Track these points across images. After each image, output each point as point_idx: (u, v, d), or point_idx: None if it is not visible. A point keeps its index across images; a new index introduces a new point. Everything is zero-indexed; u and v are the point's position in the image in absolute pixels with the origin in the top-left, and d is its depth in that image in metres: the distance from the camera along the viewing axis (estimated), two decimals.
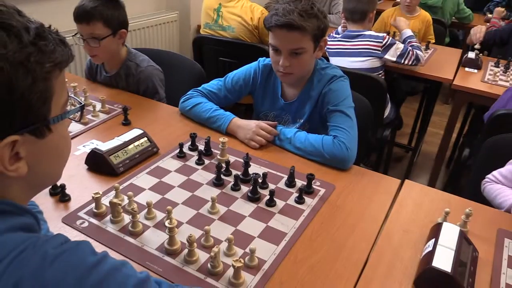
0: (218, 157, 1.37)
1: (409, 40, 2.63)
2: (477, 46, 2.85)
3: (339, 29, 2.61)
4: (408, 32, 2.72)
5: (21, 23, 0.57)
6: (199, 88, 1.67)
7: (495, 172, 1.38)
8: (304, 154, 1.42)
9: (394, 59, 2.44)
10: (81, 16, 1.67)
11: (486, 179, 1.40)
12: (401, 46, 2.46)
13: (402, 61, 2.46)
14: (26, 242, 0.55)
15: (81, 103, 0.73)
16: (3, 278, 0.52)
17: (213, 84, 1.67)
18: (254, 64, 1.67)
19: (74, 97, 0.71)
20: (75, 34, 1.73)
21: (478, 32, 3.03)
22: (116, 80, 1.89)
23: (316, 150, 1.39)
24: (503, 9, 3.70)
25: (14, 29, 0.56)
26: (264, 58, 1.66)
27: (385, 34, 2.46)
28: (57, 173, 0.71)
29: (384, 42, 2.41)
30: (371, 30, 2.52)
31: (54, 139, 0.64)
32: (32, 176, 0.62)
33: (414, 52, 2.47)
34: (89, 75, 2.00)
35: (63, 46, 0.63)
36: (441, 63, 2.80)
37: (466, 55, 2.75)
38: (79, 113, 0.73)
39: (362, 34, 2.44)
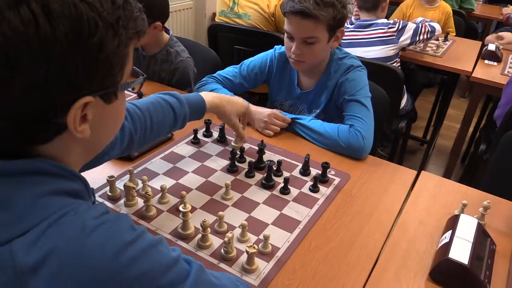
0: (233, 143, 1.36)
1: (423, 20, 2.62)
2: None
3: (352, 19, 2.57)
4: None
5: None
6: (214, 74, 1.65)
7: None
8: (319, 142, 1.41)
9: (409, 40, 2.42)
10: None
11: None
12: (412, 25, 2.44)
13: (417, 38, 2.44)
14: (67, 207, 0.54)
15: (143, 75, 0.72)
16: (39, 242, 0.50)
17: (229, 71, 1.66)
18: (270, 52, 1.65)
19: (137, 68, 0.71)
20: None
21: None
22: (150, 62, 1.89)
23: (332, 138, 1.37)
24: None
25: None
26: (280, 46, 1.64)
27: (396, 19, 2.43)
28: (109, 139, 0.71)
29: (397, 26, 2.38)
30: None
31: (116, 106, 0.64)
32: (91, 140, 0.62)
33: (427, 25, 2.45)
34: None
35: (143, 15, 0.63)
36: (460, 55, 2.75)
37: (486, 47, 2.70)
38: (139, 84, 0.72)
39: (374, 23, 2.40)
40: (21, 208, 0.52)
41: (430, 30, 2.45)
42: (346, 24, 2.55)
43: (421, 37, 2.43)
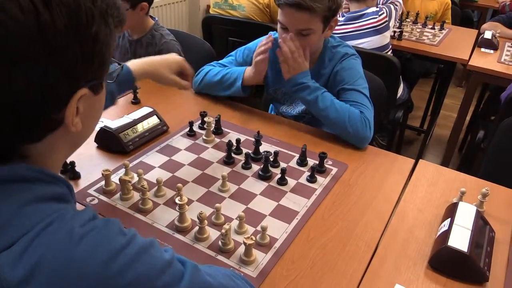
0: (204, 137, 1.34)
1: None
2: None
3: (343, 11, 2.55)
4: None
5: None
6: (210, 63, 1.64)
7: None
8: (325, 116, 1.35)
9: (394, 22, 2.48)
10: None
11: None
12: (390, 6, 2.49)
13: (398, 15, 2.54)
14: (53, 215, 0.52)
15: (120, 63, 0.72)
16: (25, 255, 0.48)
17: (224, 59, 1.65)
18: (265, 37, 1.63)
19: (113, 59, 0.71)
20: None
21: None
22: (136, 47, 1.91)
23: (340, 118, 1.32)
24: None
25: None
26: (275, 31, 1.62)
27: (381, 6, 2.44)
28: (92, 131, 0.69)
29: (386, 12, 2.37)
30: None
31: (101, 96, 0.63)
32: (79, 134, 0.60)
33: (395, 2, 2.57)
34: None
35: (121, 2, 0.62)
36: (456, 43, 2.74)
37: (482, 35, 2.69)
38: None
39: (365, 13, 2.37)
40: (4, 220, 0.50)
41: (399, 6, 2.54)
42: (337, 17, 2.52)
43: (398, 11, 2.55)
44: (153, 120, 1.36)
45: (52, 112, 0.55)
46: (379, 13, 2.35)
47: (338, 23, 2.42)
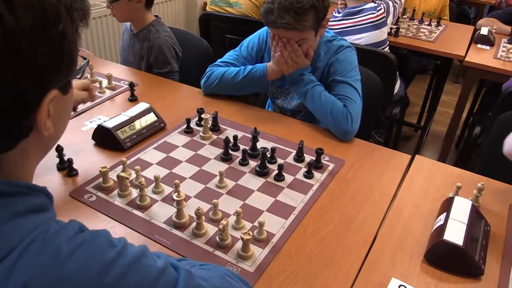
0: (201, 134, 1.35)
1: None
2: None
3: (339, 8, 2.54)
4: None
5: None
6: (216, 62, 1.63)
7: None
8: (311, 107, 1.44)
9: (393, 18, 2.47)
10: None
11: None
12: (389, 2, 2.47)
13: (397, 14, 2.53)
14: (35, 231, 0.49)
15: (85, 58, 0.68)
16: (12, 276, 0.46)
17: (229, 56, 1.64)
18: (265, 28, 1.63)
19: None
20: None
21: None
22: (134, 40, 1.92)
23: (323, 110, 1.39)
24: None
25: None
26: None
27: (379, 1, 2.42)
28: (63, 132, 0.65)
29: (384, 7, 2.37)
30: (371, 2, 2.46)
31: (71, 94, 0.60)
32: (50, 137, 0.57)
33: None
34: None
35: None
36: (453, 39, 2.74)
37: (478, 31, 2.69)
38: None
39: (363, 9, 2.37)
40: None
41: (398, 4, 2.52)
42: (333, 13, 2.52)
43: (397, 9, 2.54)
44: (151, 117, 1.36)
45: (23, 118, 0.51)
46: (377, 9, 2.35)
47: (336, 19, 2.43)
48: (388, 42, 2.47)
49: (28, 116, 0.52)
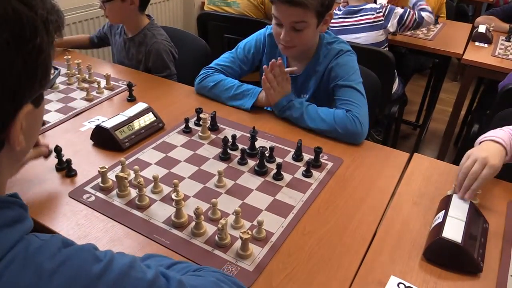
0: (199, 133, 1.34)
1: (419, 3, 2.53)
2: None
3: (340, 6, 2.54)
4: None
5: None
6: (211, 65, 1.63)
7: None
8: (315, 127, 1.39)
9: (394, 28, 2.36)
10: None
11: None
12: (399, 10, 2.36)
13: (403, 28, 2.36)
14: (14, 249, 0.47)
15: (56, 68, 0.65)
16: None
17: (225, 58, 1.63)
18: (263, 30, 1.63)
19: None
20: None
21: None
22: (129, 45, 1.91)
23: (328, 124, 1.36)
24: None
25: None
26: (271, 25, 1.63)
27: (383, 2, 2.39)
28: (31, 147, 0.64)
29: (384, 11, 2.35)
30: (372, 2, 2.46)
31: (42, 107, 0.59)
32: (21, 150, 0.55)
33: (415, 13, 2.36)
34: (108, 31, 2.02)
35: (58, 5, 0.57)
36: (451, 37, 2.75)
37: (476, 29, 2.70)
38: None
39: (363, 9, 2.38)
40: None
41: (417, 20, 2.35)
42: (334, 11, 2.53)
43: (406, 25, 2.35)
44: (149, 117, 1.36)
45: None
46: (377, 11, 2.35)
47: (336, 17, 2.43)
48: (386, 44, 2.47)
49: (2, 131, 0.50)
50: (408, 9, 2.40)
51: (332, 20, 2.45)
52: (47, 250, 0.49)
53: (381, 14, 2.35)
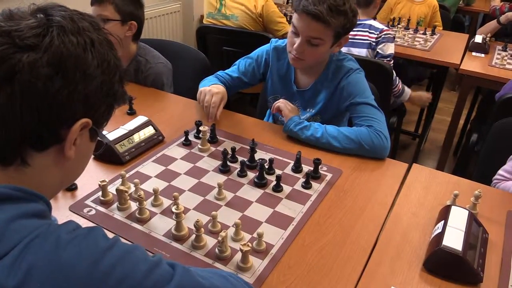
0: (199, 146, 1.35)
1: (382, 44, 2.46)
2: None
3: None
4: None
5: None
6: (214, 74, 1.66)
7: (500, 171, 1.34)
8: (340, 146, 1.36)
9: (387, 58, 2.37)
10: None
11: (495, 180, 1.36)
12: (391, 49, 2.38)
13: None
14: (39, 229, 0.56)
15: (104, 141, 0.84)
16: (16, 264, 0.52)
17: (224, 71, 1.67)
18: (266, 45, 1.64)
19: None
20: None
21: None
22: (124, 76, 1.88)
23: (353, 141, 1.35)
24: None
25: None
26: (276, 39, 1.64)
27: (384, 27, 2.39)
28: (81, 172, 0.75)
29: (377, 35, 2.36)
30: (375, 17, 2.48)
31: (91, 147, 0.72)
32: (68, 167, 0.67)
33: (401, 85, 2.40)
34: None
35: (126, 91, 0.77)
36: (448, 48, 2.77)
37: (473, 39, 2.72)
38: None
39: (362, 24, 2.38)
40: None
41: (400, 91, 2.42)
42: None
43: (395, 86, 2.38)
44: (149, 130, 1.37)
45: (60, 127, 0.61)
46: (371, 30, 2.36)
47: None
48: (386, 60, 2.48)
49: (65, 127, 0.62)
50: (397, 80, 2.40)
51: None
52: (64, 227, 0.58)
53: (374, 36, 2.36)
